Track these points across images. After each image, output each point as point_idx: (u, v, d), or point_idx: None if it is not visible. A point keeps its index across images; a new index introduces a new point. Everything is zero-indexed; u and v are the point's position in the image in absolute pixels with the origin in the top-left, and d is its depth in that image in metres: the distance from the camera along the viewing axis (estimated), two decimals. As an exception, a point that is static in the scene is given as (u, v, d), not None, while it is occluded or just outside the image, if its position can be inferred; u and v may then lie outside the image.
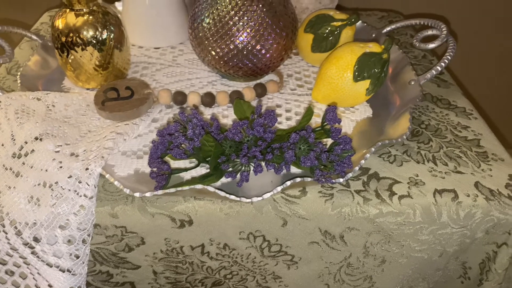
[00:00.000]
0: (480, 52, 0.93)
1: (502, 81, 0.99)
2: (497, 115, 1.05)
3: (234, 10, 0.47)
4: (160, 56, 0.58)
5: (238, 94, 0.49)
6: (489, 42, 0.92)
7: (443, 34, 0.55)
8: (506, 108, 1.05)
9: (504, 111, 1.05)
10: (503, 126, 1.08)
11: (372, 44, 0.48)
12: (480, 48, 0.93)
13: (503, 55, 0.94)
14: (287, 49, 0.50)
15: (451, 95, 0.54)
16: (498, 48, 0.93)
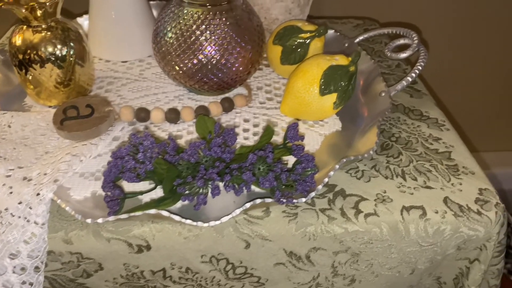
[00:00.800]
0: (453, 60, 0.93)
1: (474, 88, 0.99)
2: (470, 123, 1.07)
3: (197, 24, 0.45)
4: (127, 70, 0.56)
5: (203, 110, 0.47)
6: (462, 50, 0.91)
7: (414, 43, 0.54)
8: (478, 116, 1.05)
9: (476, 119, 1.06)
10: (475, 133, 1.09)
11: (339, 56, 0.46)
12: (453, 56, 0.92)
13: (475, 64, 0.95)
14: (254, 63, 0.49)
15: (423, 106, 0.53)
16: (470, 56, 0.93)
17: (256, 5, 0.56)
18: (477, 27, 0.88)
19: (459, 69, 0.95)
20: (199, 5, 0.46)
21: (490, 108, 1.03)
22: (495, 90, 1.00)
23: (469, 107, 1.03)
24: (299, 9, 0.57)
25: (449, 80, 0.96)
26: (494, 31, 0.89)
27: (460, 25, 0.87)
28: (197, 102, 0.51)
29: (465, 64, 0.94)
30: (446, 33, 0.88)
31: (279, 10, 0.56)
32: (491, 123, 1.07)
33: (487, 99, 1.02)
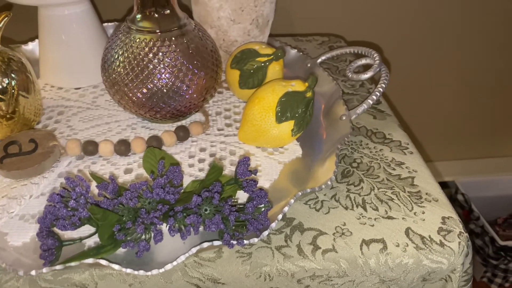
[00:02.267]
0: (417, 78, 0.93)
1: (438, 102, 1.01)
2: (433, 142, 1.09)
3: (145, 51, 0.43)
4: (79, 98, 0.53)
5: (156, 140, 0.45)
6: (425, 67, 0.92)
7: (375, 64, 0.52)
8: (440, 135, 1.08)
9: (439, 139, 1.09)
10: (439, 143, 1.11)
11: (295, 82, 0.45)
12: (415, 73, 0.93)
13: (441, 81, 0.96)
14: (209, 89, 0.47)
15: (386, 128, 0.51)
16: (434, 73, 0.94)
17: (214, 27, 0.54)
18: (440, 44, 0.89)
19: (421, 86, 0.96)
20: (148, 32, 0.43)
21: (455, 118, 1.05)
22: (457, 105, 1.02)
23: (431, 126, 1.06)
24: (258, 30, 0.55)
25: (412, 97, 0.97)
26: (457, 48, 0.90)
27: (422, 41, 0.87)
28: (151, 131, 0.48)
29: (428, 79, 0.96)
30: (408, 50, 0.88)
31: (237, 32, 0.54)
32: (455, 133, 1.09)
33: (451, 113, 1.04)
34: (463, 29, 0.87)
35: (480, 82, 0.97)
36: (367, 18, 0.80)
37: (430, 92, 0.97)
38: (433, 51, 0.90)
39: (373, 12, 0.80)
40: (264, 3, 0.53)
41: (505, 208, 1.30)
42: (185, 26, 0.46)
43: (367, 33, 0.81)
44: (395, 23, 0.83)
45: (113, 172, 0.43)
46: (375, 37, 0.82)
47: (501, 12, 0.86)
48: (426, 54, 0.90)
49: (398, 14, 0.82)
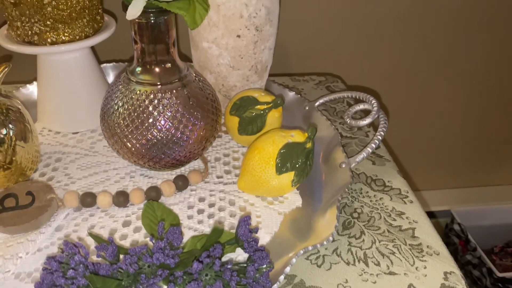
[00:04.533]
0: (412, 110, 0.95)
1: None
2: (428, 170, 1.11)
3: (145, 103, 0.43)
4: (77, 144, 0.53)
5: (155, 191, 0.45)
6: (421, 101, 0.94)
7: (374, 110, 0.53)
8: (436, 164, 1.10)
9: (434, 167, 1.11)
10: (433, 181, 1.14)
11: (295, 132, 0.45)
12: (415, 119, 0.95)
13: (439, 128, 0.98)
14: (209, 137, 0.47)
15: (386, 174, 0.51)
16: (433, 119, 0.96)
17: (213, 73, 0.55)
18: (435, 79, 0.90)
19: (417, 115, 0.97)
20: (148, 84, 0.44)
21: (450, 147, 1.07)
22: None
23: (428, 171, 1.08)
24: (257, 75, 0.55)
25: (407, 125, 0.98)
26: (452, 82, 0.91)
27: (417, 77, 0.89)
28: (150, 180, 0.48)
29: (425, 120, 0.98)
30: (403, 86, 0.90)
31: (236, 78, 0.54)
32: (450, 161, 1.11)
33: (446, 142, 1.05)
34: (457, 68, 0.88)
35: (476, 111, 0.98)
36: (363, 58, 0.81)
37: (425, 121, 0.98)
38: (427, 84, 0.91)
39: (369, 52, 0.81)
40: (263, 50, 0.54)
41: (501, 237, 1.29)
42: (186, 77, 0.46)
43: (363, 72, 0.82)
44: (393, 63, 0.84)
45: (111, 226, 0.42)
46: (371, 76, 0.83)
47: (488, 50, 0.88)
48: (421, 88, 0.91)
49: (396, 55, 0.83)
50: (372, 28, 0.81)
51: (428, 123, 0.99)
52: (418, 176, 1.14)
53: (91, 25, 0.50)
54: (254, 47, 0.53)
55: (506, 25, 0.86)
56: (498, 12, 0.84)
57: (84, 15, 0.49)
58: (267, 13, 0.51)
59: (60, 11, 0.47)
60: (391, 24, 0.81)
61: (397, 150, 1.03)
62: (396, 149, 1.03)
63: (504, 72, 0.93)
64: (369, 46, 0.81)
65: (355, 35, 0.81)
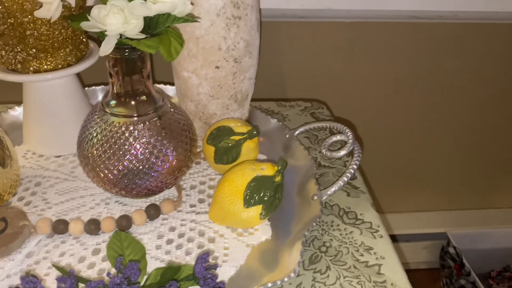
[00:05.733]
0: (408, 127, 0.95)
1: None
2: (424, 191, 1.11)
3: (117, 134, 0.44)
4: (58, 168, 0.54)
5: (126, 220, 0.45)
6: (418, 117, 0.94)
7: (349, 142, 0.53)
8: (432, 185, 1.10)
9: (430, 188, 1.11)
10: (429, 202, 1.14)
11: (265, 165, 0.46)
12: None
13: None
14: (182, 167, 0.48)
15: (359, 207, 0.52)
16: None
17: (194, 101, 0.56)
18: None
19: (414, 134, 0.97)
20: (123, 116, 0.45)
21: (447, 167, 1.06)
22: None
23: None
24: (237, 104, 0.57)
25: (403, 145, 0.99)
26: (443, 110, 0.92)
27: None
28: (124, 207, 0.49)
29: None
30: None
31: (216, 106, 0.55)
32: (447, 182, 1.11)
33: (443, 163, 1.05)
34: (449, 92, 0.89)
35: (473, 133, 0.99)
36: (351, 86, 0.82)
37: (421, 142, 0.99)
38: (424, 106, 0.92)
39: (357, 80, 0.82)
40: (242, 80, 0.55)
41: (499, 261, 1.28)
42: (161, 108, 0.47)
43: (350, 100, 0.83)
44: (381, 90, 0.85)
45: (81, 254, 0.43)
46: (356, 103, 0.84)
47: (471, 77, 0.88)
48: (416, 110, 0.92)
49: (384, 84, 0.84)
50: (362, 57, 0.82)
51: (424, 143, 0.99)
52: (414, 197, 1.13)
53: (74, 54, 0.52)
54: (233, 78, 0.54)
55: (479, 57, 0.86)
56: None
57: (66, 44, 0.51)
58: (246, 45, 0.52)
59: (42, 41, 0.48)
60: (382, 54, 0.82)
61: (393, 168, 1.03)
62: (392, 167, 1.03)
63: (497, 96, 0.93)
64: (357, 75, 0.82)
65: (345, 63, 0.82)
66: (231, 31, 0.51)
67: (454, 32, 0.83)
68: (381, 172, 1.04)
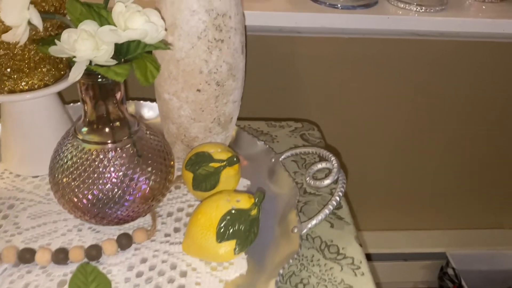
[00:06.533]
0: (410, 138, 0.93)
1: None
2: (423, 208, 1.08)
3: (88, 161, 0.43)
4: (33, 189, 0.53)
5: (95, 249, 0.44)
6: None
7: (334, 170, 0.51)
8: (431, 202, 1.07)
9: (429, 205, 1.08)
10: (428, 220, 1.11)
11: (242, 197, 0.44)
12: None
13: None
14: (156, 196, 0.46)
15: (342, 240, 0.49)
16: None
17: (175, 124, 0.54)
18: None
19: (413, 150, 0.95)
20: (95, 143, 0.43)
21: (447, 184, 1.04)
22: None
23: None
24: (220, 127, 0.55)
25: (402, 162, 0.96)
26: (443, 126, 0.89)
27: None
28: (96, 235, 0.47)
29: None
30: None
31: (198, 129, 0.54)
32: (447, 200, 1.08)
33: (442, 178, 1.02)
34: (450, 110, 0.87)
35: (476, 152, 0.96)
36: (342, 104, 0.80)
37: (421, 159, 0.96)
38: (426, 124, 0.89)
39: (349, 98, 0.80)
40: (225, 103, 0.53)
41: (501, 283, 1.24)
42: (136, 133, 0.45)
43: (342, 117, 0.81)
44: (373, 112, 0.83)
45: (46, 285, 0.41)
46: (350, 120, 0.82)
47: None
48: (419, 127, 0.89)
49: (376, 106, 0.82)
50: (360, 75, 0.80)
51: (424, 160, 0.97)
52: (413, 215, 1.11)
53: (52, 74, 0.50)
54: (215, 101, 0.52)
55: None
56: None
57: (44, 64, 0.49)
58: (229, 68, 0.51)
59: (16, 61, 0.47)
60: (379, 72, 0.80)
61: (391, 184, 1.01)
62: (390, 183, 1.00)
63: (502, 114, 0.91)
64: (352, 93, 0.80)
65: (341, 81, 0.80)
66: (213, 54, 0.49)
67: (455, 49, 0.81)
68: (378, 187, 1.02)
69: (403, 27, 0.73)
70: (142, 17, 0.38)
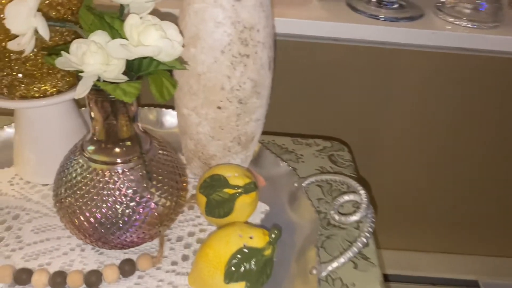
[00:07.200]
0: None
1: None
2: (455, 231, 1.02)
3: (93, 181, 0.39)
4: (41, 199, 0.50)
5: (95, 275, 0.41)
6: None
7: (362, 206, 0.46)
8: (463, 225, 1.00)
9: (461, 228, 1.01)
10: (459, 243, 1.05)
11: (255, 233, 0.39)
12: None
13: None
14: (165, 221, 0.43)
15: (365, 284, 0.44)
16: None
17: (192, 140, 0.50)
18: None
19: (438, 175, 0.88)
20: (102, 163, 0.40)
21: (481, 208, 0.96)
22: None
23: None
24: (240, 146, 0.50)
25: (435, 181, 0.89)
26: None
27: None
28: (99, 257, 0.44)
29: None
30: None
31: (217, 148, 0.50)
32: (480, 224, 1.01)
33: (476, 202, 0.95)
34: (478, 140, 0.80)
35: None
36: (378, 129, 0.75)
37: (452, 178, 0.90)
38: (455, 144, 0.83)
39: (383, 124, 0.74)
40: (247, 122, 0.49)
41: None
42: (148, 152, 0.42)
43: (371, 138, 0.75)
44: (409, 138, 0.77)
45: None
46: (378, 143, 0.76)
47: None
48: (446, 151, 0.83)
49: (410, 131, 0.76)
50: (398, 90, 0.74)
51: (456, 181, 0.90)
52: (444, 236, 1.03)
53: (65, 80, 0.48)
54: (237, 119, 0.48)
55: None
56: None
57: (58, 69, 0.46)
58: (254, 86, 0.46)
59: (29, 67, 0.44)
60: (420, 90, 0.74)
61: (423, 204, 0.94)
62: (422, 203, 0.94)
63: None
64: (384, 117, 0.74)
65: (378, 96, 0.74)
66: (236, 70, 0.45)
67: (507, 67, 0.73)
68: (407, 206, 0.95)
69: (450, 43, 0.66)
70: (157, 31, 0.34)
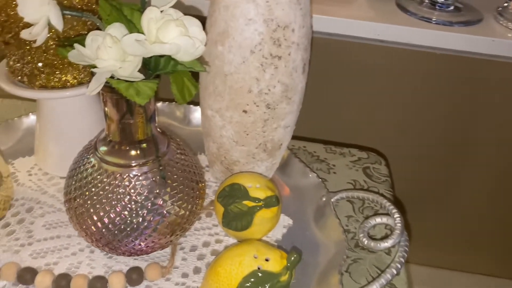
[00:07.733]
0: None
1: None
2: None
3: (104, 183, 0.37)
4: (56, 193, 0.49)
5: (100, 282, 0.38)
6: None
7: (396, 230, 0.42)
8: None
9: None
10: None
11: (272, 255, 0.36)
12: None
13: None
14: (176, 230, 0.40)
15: (392, 319, 0.40)
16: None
17: (215, 143, 0.47)
18: None
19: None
20: (115, 165, 0.37)
21: None
22: None
23: None
24: (266, 154, 0.47)
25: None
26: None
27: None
28: (108, 261, 0.42)
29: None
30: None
31: (240, 153, 0.46)
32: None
33: None
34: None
35: None
36: (414, 135, 0.69)
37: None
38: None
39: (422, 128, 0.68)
40: (275, 128, 0.45)
41: None
42: (165, 155, 0.39)
43: (410, 152, 0.69)
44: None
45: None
46: (418, 158, 0.70)
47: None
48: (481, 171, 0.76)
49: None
50: (443, 99, 0.68)
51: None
52: (486, 257, 0.96)
53: (87, 72, 0.45)
54: (263, 125, 0.44)
55: None
56: None
57: (80, 60, 0.44)
58: (284, 90, 0.42)
59: (49, 56, 0.42)
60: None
61: (459, 220, 0.88)
62: (459, 218, 0.87)
63: None
64: (429, 125, 0.68)
65: (419, 109, 0.68)
66: (266, 72, 0.41)
67: None
68: (441, 220, 0.88)
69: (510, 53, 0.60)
70: (177, 28, 0.30)
